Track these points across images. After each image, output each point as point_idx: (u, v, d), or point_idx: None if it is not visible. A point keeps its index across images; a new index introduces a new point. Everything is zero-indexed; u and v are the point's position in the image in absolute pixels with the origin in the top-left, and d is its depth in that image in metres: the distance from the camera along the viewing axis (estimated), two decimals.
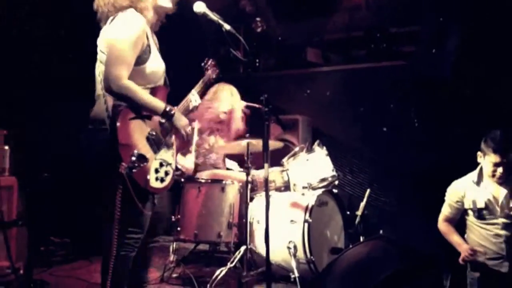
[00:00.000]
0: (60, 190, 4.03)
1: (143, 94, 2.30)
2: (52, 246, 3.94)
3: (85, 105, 2.47)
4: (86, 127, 2.35)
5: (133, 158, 2.14)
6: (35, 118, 3.94)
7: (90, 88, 2.46)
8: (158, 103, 2.37)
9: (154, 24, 2.50)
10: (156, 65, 2.41)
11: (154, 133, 2.37)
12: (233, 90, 4.08)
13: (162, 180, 2.38)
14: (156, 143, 2.37)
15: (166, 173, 2.41)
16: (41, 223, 3.66)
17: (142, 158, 2.18)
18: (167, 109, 2.38)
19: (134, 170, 2.15)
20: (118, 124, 2.21)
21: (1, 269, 3.10)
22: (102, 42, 2.36)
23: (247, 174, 3.42)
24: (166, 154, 2.44)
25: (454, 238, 2.99)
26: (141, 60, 2.33)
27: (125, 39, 2.26)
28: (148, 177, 2.30)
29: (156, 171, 2.35)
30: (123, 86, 2.22)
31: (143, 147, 2.28)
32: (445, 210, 3.06)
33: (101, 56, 2.37)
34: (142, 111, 2.33)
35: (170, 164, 2.44)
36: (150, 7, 2.41)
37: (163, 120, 2.43)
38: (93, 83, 2.43)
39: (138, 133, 2.29)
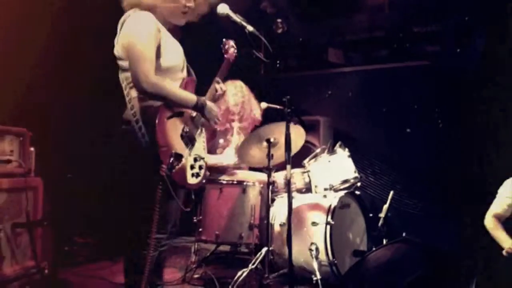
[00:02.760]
0: (84, 190, 4.09)
1: (174, 88, 2.30)
2: (76, 246, 3.99)
3: (110, 106, 2.48)
4: (119, 128, 2.34)
5: (172, 159, 2.16)
6: (61, 119, 4.00)
7: (115, 89, 2.48)
8: (190, 96, 2.37)
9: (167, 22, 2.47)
10: (172, 58, 2.39)
11: (187, 130, 2.37)
12: (237, 83, 4.07)
13: (197, 175, 2.40)
14: (190, 140, 2.38)
15: (200, 167, 2.43)
16: (65, 223, 3.71)
17: (179, 157, 2.19)
18: (199, 100, 2.38)
19: (173, 171, 2.17)
20: (156, 126, 2.20)
21: (26, 268, 3.14)
22: (119, 48, 2.36)
23: (269, 176, 3.41)
24: (198, 149, 2.45)
25: (499, 234, 2.98)
26: (157, 55, 2.31)
27: (142, 37, 2.25)
28: (185, 174, 2.31)
29: (192, 167, 2.36)
30: (153, 82, 2.22)
31: (179, 146, 2.29)
32: (497, 208, 3.06)
33: (119, 64, 2.37)
34: (174, 107, 2.32)
35: (203, 158, 2.46)
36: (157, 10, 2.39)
37: (193, 114, 2.43)
38: (119, 85, 2.44)
39: (173, 131, 2.29)
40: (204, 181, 2.48)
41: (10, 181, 3.06)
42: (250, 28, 2.50)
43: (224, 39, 2.72)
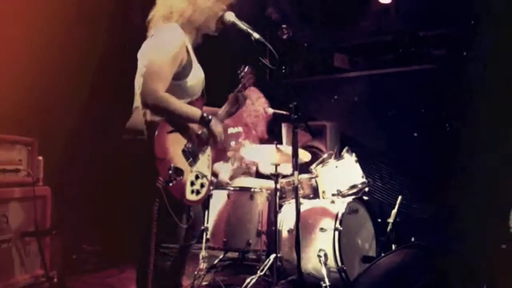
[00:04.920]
0: (92, 199, 4.10)
1: (178, 104, 2.30)
2: (85, 255, 4.00)
3: (117, 114, 2.49)
4: (122, 137, 2.35)
5: (170, 172, 2.16)
6: (69, 127, 4.02)
7: (122, 99, 2.49)
8: (195, 111, 2.37)
9: (195, 39, 2.51)
10: (196, 78, 2.42)
11: (190, 146, 2.37)
12: (258, 92, 4.09)
13: (197, 192, 2.38)
14: (192, 156, 2.37)
15: (202, 185, 2.41)
16: (74, 232, 3.72)
17: (178, 172, 2.20)
18: (204, 115, 2.38)
19: (170, 184, 2.17)
20: (155, 138, 2.21)
21: (36, 277, 3.15)
22: (143, 56, 2.39)
23: (276, 182, 3.40)
24: (202, 166, 2.45)
25: None
26: (181, 75, 2.34)
27: (163, 55, 2.27)
28: (184, 190, 2.30)
29: (192, 183, 2.35)
30: (159, 99, 2.23)
31: (179, 160, 2.29)
32: None
33: (141, 70, 2.38)
34: (179, 123, 2.33)
35: (205, 176, 2.45)
36: (189, 22, 2.42)
37: (199, 132, 2.43)
38: (125, 93, 2.46)
39: (175, 146, 2.30)
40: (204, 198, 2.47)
41: (19, 191, 3.08)
42: (256, 35, 2.51)
43: (243, 66, 2.72)
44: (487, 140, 4.19)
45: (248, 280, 3.24)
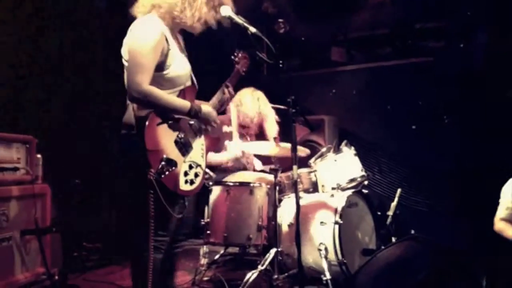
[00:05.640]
0: (91, 196, 4.10)
1: (166, 97, 2.29)
2: (85, 252, 4.00)
3: (114, 111, 2.49)
4: (119, 133, 2.35)
5: (162, 163, 2.16)
6: (65, 125, 4.02)
7: (119, 96, 2.49)
8: (183, 103, 2.35)
9: (176, 28, 2.49)
10: (179, 68, 2.40)
11: (182, 136, 2.36)
12: (259, 94, 4.07)
13: (191, 182, 2.38)
14: (184, 146, 2.37)
15: (196, 175, 2.41)
16: (73, 229, 3.72)
17: (171, 162, 2.19)
18: (193, 107, 2.37)
19: (163, 175, 2.17)
20: (145, 131, 2.21)
21: (37, 275, 3.15)
22: (125, 51, 2.37)
23: (275, 176, 3.40)
24: (195, 156, 2.44)
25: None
26: (163, 65, 2.32)
27: (143, 46, 2.25)
28: (178, 180, 2.30)
29: (186, 173, 2.35)
30: (144, 92, 2.22)
31: (172, 151, 2.29)
32: (502, 213, 3.00)
33: (125, 65, 2.38)
34: (168, 115, 2.32)
35: (200, 166, 2.45)
36: (168, 15, 2.40)
37: (191, 122, 2.43)
38: (122, 90, 2.46)
39: (166, 137, 2.29)
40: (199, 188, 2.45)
41: (18, 189, 3.08)
42: (252, 29, 2.50)
43: (236, 50, 2.72)
44: (485, 131, 4.20)
45: (249, 275, 3.24)
